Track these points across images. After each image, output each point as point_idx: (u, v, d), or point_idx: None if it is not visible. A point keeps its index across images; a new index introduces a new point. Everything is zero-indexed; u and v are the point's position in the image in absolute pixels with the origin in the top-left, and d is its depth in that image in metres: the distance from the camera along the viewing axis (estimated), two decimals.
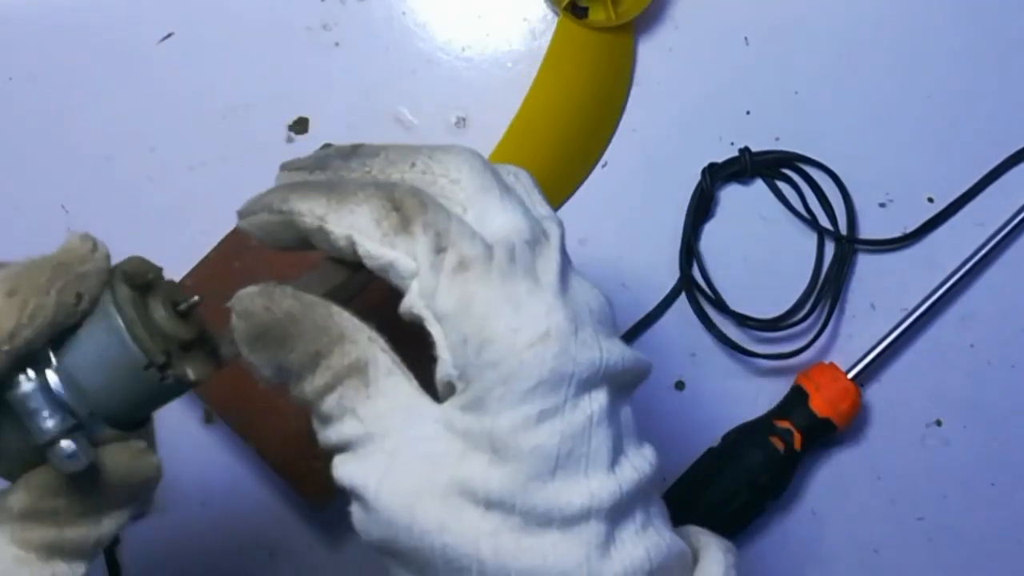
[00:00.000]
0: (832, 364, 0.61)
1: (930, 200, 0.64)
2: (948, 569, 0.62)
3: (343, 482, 0.36)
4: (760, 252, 0.64)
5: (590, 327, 0.35)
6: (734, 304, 0.63)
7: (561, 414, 0.34)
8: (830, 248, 0.64)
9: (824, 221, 0.64)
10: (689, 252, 0.63)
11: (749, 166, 0.63)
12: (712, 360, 0.63)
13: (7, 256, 0.37)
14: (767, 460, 0.59)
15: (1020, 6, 0.66)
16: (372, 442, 0.35)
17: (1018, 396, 0.63)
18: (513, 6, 0.65)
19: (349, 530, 0.37)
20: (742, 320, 0.63)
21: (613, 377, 0.36)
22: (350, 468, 0.36)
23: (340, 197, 0.36)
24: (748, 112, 0.65)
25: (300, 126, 0.63)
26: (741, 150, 0.63)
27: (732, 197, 0.64)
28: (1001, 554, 0.63)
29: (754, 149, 0.63)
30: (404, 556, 0.35)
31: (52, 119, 0.63)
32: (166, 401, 0.37)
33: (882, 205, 0.64)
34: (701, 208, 0.63)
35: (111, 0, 0.64)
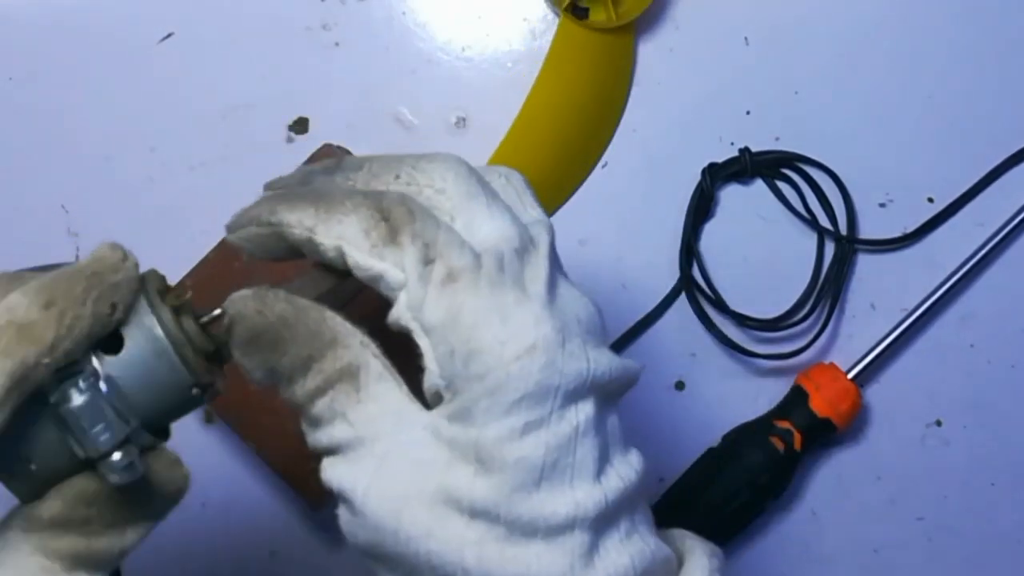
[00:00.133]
0: (832, 364, 0.61)
1: (930, 200, 0.64)
2: (948, 569, 0.62)
3: (331, 484, 0.36)
4: (760, 252, 0.64)
5: (578, 338, 0.35)
6: (734, 304, 0.63)
7: (546, 426, 0.34)
8: (830, 248, 0.64)
9: (824, 221, 0.64)
10: (689, 252, 0.63)
11: (749, 166, 0.63)
12: (712, 360, 0.63)
13: (7, 256, 0.37)
14: (767, 460, 0.59)
15: (1020, 6, 0.66)
16: (362, 446, 0.35)
17: (1018, 396, 0.63)
18: (513, 6, 0.65)
19: None
20: (742, 320, 0.62)
21: (600, 387, 0.36)
22: (339, 471, 0.36)
23: (328, 207, 0.36)
24: (748, 112, 0.65)
25: (300, 126, 0.63)
26: (741, 150, 0.63)
27: (732, 197, 0.64)
28: (1001, 554, 0.63)
29: (754, 149, 0.63)
30: (390, 561, 0.35)
31: (52, 119, 0.63)
32: (191, 410, 0.37)
33: (882, 205, 0.64)
34: (701, 208, 0.63)
35: (111, 0, 0.64)
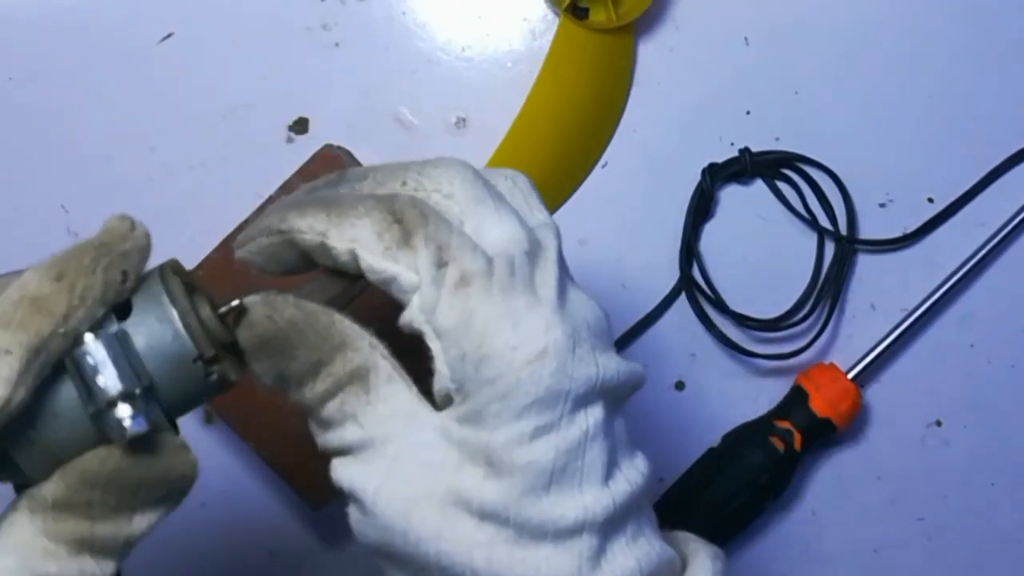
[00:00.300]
0: (832, 364, 0.61)
1: (930, 200, 0.64)
2: (948, 569, 0.62)
3: (342, 484, 0.36)
4: (760, 252, 0.64)
5: (587, 342, 0.35)
6: (734, 304, 0.63)
7: (556, 430, 0.34)
8: (830, 248, 0.64)
9: (824, 221, 0.64)
10: (689, 252, 0.63)
11: (749, 166, 0.63)
12: (712, 360, 0.63)
13: (7, 256, 0.37)
14: (767, 460, 0.59)
15: (1020, 6, 0.65)
16: (372, 447, 0.35)
17: (1018, 396, 0.63)
18: (513, 6, 0.65)
19: (348, 530, 0.37)
20: (742, 320, 0.62)
21: (608, 391, 0.36)
22: (350, 471, 0.36)
23: (340, 211, 0.36)
24: (748, 112, 0.64)
25: (300, 126, 0.63)
26: (741, 150, 0.63)
27: (732, 197, 0.64)
28: (1001, 554, 0.63)
29: (754, 149, 0.63)
30: (400, 560, 0.35)
31: (52, 119, 0.63)
32: (202, 401, 0.37)
33: (882, 205, 0.64)
34: (701, 208, 0.63)
35: (111, 0, 0.64)
